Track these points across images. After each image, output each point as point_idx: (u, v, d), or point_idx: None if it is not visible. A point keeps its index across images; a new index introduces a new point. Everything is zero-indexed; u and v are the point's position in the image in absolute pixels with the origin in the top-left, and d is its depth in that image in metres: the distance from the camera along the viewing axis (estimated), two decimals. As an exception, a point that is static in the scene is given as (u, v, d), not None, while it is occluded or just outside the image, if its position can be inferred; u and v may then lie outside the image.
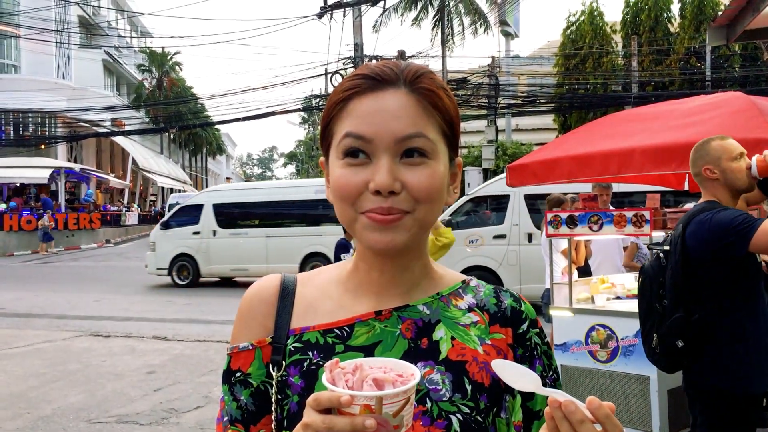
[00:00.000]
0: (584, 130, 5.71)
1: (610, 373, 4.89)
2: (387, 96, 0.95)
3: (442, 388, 0.95)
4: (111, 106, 31.94)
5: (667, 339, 2.75)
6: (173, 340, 9.44)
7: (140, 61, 44.54)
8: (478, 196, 11.43)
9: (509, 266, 10.70)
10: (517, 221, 10.75)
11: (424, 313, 1.01)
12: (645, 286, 2.92)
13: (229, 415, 1.02)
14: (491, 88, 22.49)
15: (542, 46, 34.49)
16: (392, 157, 0.93)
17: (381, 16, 26.34)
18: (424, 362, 0.97)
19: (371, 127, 0.93)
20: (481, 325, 1.02)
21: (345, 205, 0.96)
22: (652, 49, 22.40)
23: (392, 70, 0.97)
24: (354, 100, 0.96)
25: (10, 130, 32.08)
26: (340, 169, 0.96)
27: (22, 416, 6.05)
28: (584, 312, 5.01)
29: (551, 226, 5.07)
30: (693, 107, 4.78)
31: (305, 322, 1.02)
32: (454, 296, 1.05)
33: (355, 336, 0.99)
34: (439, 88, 0.98)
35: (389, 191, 0.92)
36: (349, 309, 1.02)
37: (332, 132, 0.99)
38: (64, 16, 33.77)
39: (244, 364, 1.02)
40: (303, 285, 1.08)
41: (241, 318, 1.06)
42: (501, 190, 10.59)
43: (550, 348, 1.06)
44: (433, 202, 0.96)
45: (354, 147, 0.94)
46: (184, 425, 5.74)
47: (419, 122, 0.95)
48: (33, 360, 8.30)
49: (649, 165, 4.52)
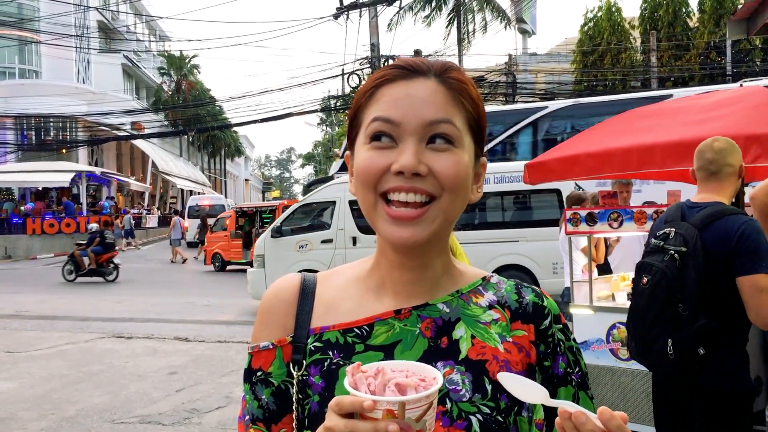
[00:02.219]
0: (603, 126, 5.66)
1: (631, 371, 4.85)
2: (417, 83, 0.95)
3: (462, 388, 0.94)
4: (130, 109, 32.22)
5: (688, 345, 2.63)
6: (194, 341, 9.51)
7: (159, 65, 44.91)
8: (308, 203, 12.07)
9: None
10: (343, 226, 11.32)
11: (444, 312, 1.00)
12: (660, 287, 2.72)
13: (251, 414, 1.02)
14: (508, 85, 22.41)
15: (560, 43, 34.28)
16: (419, 141, 0.93)
17: (396, 15, 26.33)
18: (444, 362, 0.96)
19: (400, 111, 0.94)
20: (502, 323, 1.01)
21: (366, 190, 0.95)
22: (671, 44, 22.19)
23: (423, 62, 0.98)
24: (384, 87, 0.97)
25: (32, 135, 32.49)
26: (366, 152, 0.96)
27: (46, 417, 6.13)
28: (605, 310, 4.98)
29: (570, 223, 5.04)
30: (713, 102, 4.73)
31: (325, 321, 1.02)
32: (475, 293, 1.04)
33: (375, 335, 0.99)
34: (468, 83, 0.99)
35: (413, 173, 0.91)
36: (369, 308, 1.02)
37: (360, 120, 0.99)
38: (84, 21, 34.13)
39: (264, 363, 1.02)
40: (323, 284, 1.07)
41: (261, 317, 1.06)
42: (328, 197, 11.51)
43: (576, 345, 1.05)
44: (458, 192, 0.95)
45: (381, 130, 0.94)
46: (206, 425, 5.78)
47: (448, 110, 0.95)
48: (57, 362, 8.40)
49: (670, 161, 4.48)
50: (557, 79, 24.59)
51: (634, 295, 2.93)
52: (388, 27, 27.14)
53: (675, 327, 2.66)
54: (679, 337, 2.64)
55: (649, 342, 2.76)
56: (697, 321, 2.61)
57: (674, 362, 2.68)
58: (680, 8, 22.42)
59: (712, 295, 2.64)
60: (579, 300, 5.18)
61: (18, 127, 30.86)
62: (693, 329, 2.62)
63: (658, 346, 2.71)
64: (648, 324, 2.76)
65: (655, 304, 2.73)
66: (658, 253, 2.79)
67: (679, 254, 2.69)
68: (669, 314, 2.68)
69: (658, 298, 2.72)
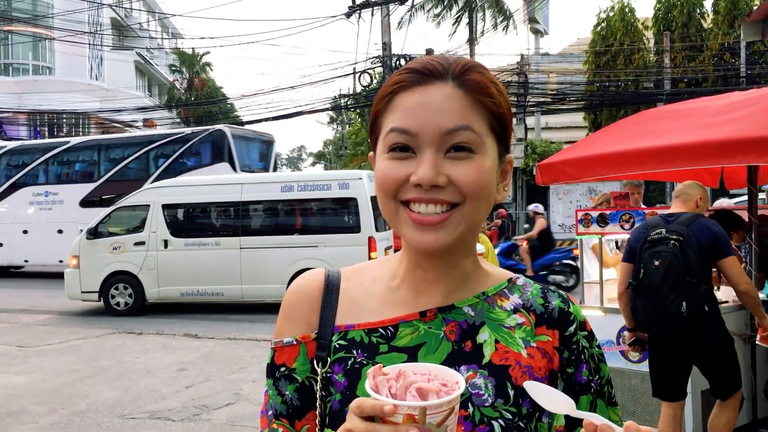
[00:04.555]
0: (616, 127, 5.63)
1: (642, 373, 4.82)
2: (433, 90, 0.94)
3: (485, 393, 0.94)
4: (143, 106, 32.33)
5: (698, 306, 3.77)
6: (204, 338, 9.54)
7: (171, 62, 45.07)
8: (123, 206, 12.52)
9: (148, 270, 11.92)
10: (155, 229, 11.93)
11: (469, 315, 1.00)
12: (672, 265, 3.81)
13: (274, 410, 1.02)
14: (520, 86, 22.33)
15: (572, 44, 34.13)
16: (437, 151, 0.92)
17: (408, 12, 26.28)
18: (467, 366, 0.96)
19: (416, 120, 0.92)
20: (526, 327, 1.00)
21: (386, 198, 0.95)
22: (685, 45, 22.06)
23: (440, 64, 0.95)
24: (400, 94, 0.95)
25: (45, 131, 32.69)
26: (384, 162, 0.95)
27: (57, 411, 6.17)
28: (616, 312, 4.95)
29: (582, 224, 5.02)
30: (727, 104, 4.69)
31: (350, 319, 1.01)
32: (500, 296, 1.03)
33: (399, 337, 0.98)
34: (489, 82, 0.96)
35: (432, 185, 0.91)
36: (394, 308, 1.01)
37: (379, 126, 0.98)
38: (97, 18, 34.30)
39: (288, 359, 1.02)
40: (347, 281, 1.07)
41: (285, 313, 1.06)
42: (142, 201, 12.15)
43: (599, 351, 1.04)
44: (480, 199, 0.94)
45: (399, 142, 0.93)
46: (215, 422, 5.80)
47: (466, 115, 0.93)
48: (67, 357, 8.45)
49: (686, 162, 4.46)
50: (569, 80, 24.46)
51: (646, 276, 3.95)
52: (398, 25, 27.11)
53: (687, 293, 3.77)
54: (690, 300, 3.77)
55: (667, 306, 3.81)
56: (700, 287, 3.80)
57: (687, 318, 3.77)
58: (694, 9, 22.27)
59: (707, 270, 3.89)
60: (590, 301, 5.16)
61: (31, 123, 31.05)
62: (699, 293, 3.79)
63: (674, 309, 3.79)
64: (665, 293, 3.81)
65: (669, 278, 3.81)
66: (661, 244, 3.90)
67: (678, 242, 3.85)
68: (681, 284, 3.78)
69: (671, 273, 3.81)
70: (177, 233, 11.96)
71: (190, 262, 11.82)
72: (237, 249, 11.71)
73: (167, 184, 12.67)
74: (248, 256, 11.69)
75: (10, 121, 28.49)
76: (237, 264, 11.68)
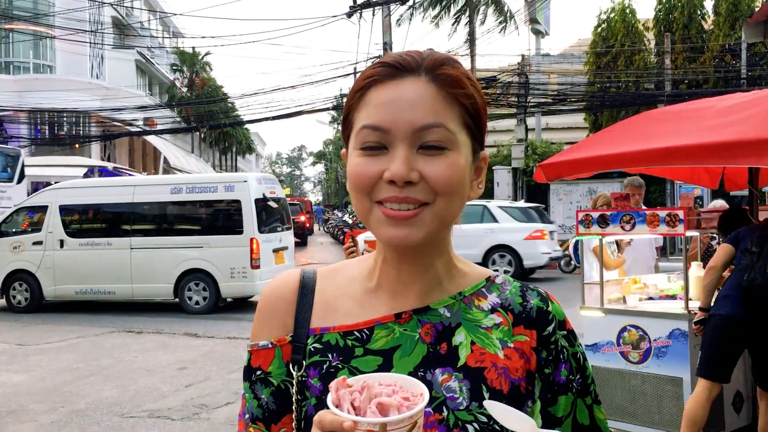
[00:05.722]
0: (616, 129, 5.63)
1: (642, 374, 4.83)
2: (405, 84, 0.92)
3: (459, 396, 0.92)
4: (143, 105, 32.31)
5: None
6: (204, 337, 9.55)
7: (172, 62, 45.06)
8: (24, 206, 13.08)
9: (46, 269, 12.29)
10: (52, 229, 12.31)
11: (445, 317, 0.98)
12: None
13: (250, 413, 1.01)
14: (521, 86, 22.32)
15: (573, 44, 34.13)
16: (409, 147, 0.90)
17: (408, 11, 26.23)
18: (443, 368, 0.94)
19: (388, 116, 0.90)
20: (504, 327, 0.98)
21: (360, 196, 0.93)
22: (686, 46, 22.06)
23: (413, 58, 0.93)
24: (372, 89, 0.93)
25: (45, 130, 32.67)
26: (357, 158, 0.93)
27: (56, 410, 6.17)
28: (616, 312, 4.96)
29: (582, 225, 5.02)
30: (728, 105, 4.69)
31: (325, 322, 1.00)
32: (477, 296, 1.01)
33: (375, 339, 0.96)
34: (462, 76, 0.94)
35: (405, 181, 0.89)
36: (370, 310, 0.99)
37: (351, 122, 0.96)
38: (98, 17, 34.28)
39: (264, 362, 1.00)
40: (323, 281, 1.05)
41: (260, 315, 1.04)
42: (41, 202, 12.55)
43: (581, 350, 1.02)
44: (453, 195, 0.92)
45: (370, 140, 0.92)
46: (215, 421, 5.80)
47: (439, 112, 0.91)
48: (67, 355, 8.45)
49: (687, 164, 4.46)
50: (570, 80, 24.45)
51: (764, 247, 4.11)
52: (397, 23, 27.06)
53: None
54: None
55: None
56: None
57: None
58: (695, 10, 22.24)
59: None
60: (590, 302, 5.16)
61: (32, 122, 31.04)
62: None
63: None
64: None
65: None
66: None
67: None
68: None
69: None
70: (72, 233, 12.35)
71: (84, 262, 12.15)
72: (128, 249, 12.02)
73: (66, 186, 13.04)
74: (138, 257, 11.98)
75: (11, 120, 28.48)
76: (127, 264, 11.98)
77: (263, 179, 12.74)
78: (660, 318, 4.80)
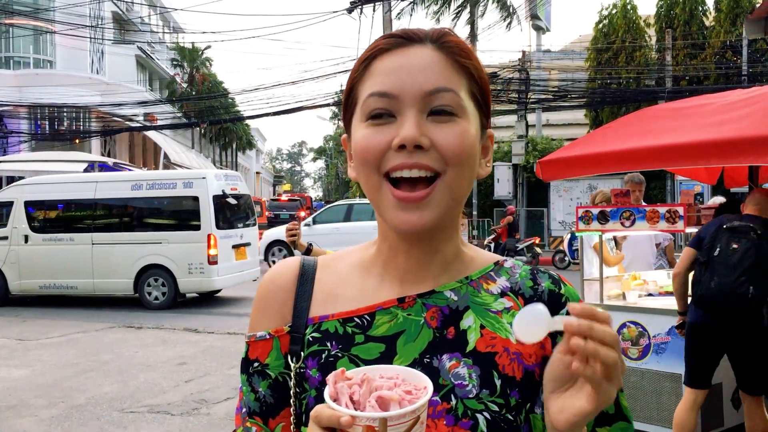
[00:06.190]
0: (617, 125, 5.63)
1: (641, 370, 4.83)
2: (413, 51, 0.89)
3: (469, 383, 0.87)
4: (143, 101, 32.29)
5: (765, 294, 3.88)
6: (204, 332, 9.56)
7: (172, 57, 45.01)
8: None
9: (11, 264, 12.51)
10: (17, 225, 12.51)
11: (451, 300, 0.93)
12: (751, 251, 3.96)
13: (247, 407, 0.98)
14: (522, 82, 22.29)
15: (574, 41, 34.07)
16: (419, 112, 0.86)
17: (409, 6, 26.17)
18: (450, 354, 0.89)
19: (396, 82, 0.87)
20: (514, 311, 0.92)
21: (368, 170, 0.89)
22: (687, 42, 22.02)
23: (419, 30, 0.92)
24: (378, 58, 0.90)
25: (46, 125, 32.65)
26: (363, 130, 0.89)
27: (56, 405, 6.17)
28: (615, 309, 4.96)
29: (582, 221, 5.02)
30: (729, 102, 4.69)
31: (324, 310, 0.96)
32: (485, 280, 0.96)
33: (376, 326, 0.92)
34: (468, 47, 0.92)
35: (415, 145, 0.85)
36: (371, 296, 0.95)
37: (356, 97, 0.93)
38: (99, 12, 34.24)
39: (261, 353, 0.96)
40: (323, 270, 1.01)
41: (258, 305, 1.01)
42: (6, 198, 12.76)
43: None
44: (464, 167, 0.88)
45: (378, 107, 0.88)
46: (215, 416, 5.81)
47: (448, 77, 0.88)
48: (67, 350, 8.46)
49: (687, 161, 4.46)
50: (571, 77, 24.40)
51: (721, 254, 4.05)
52: (397, 17, 27.01)
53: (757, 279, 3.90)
54: (758, 286, 3.89)
55: (736, 287, 3.93)
56: None
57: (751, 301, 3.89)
58: (696, 7, 22.20)
59: None
60: (590, 298, 5.16)
61: (32, 117, 31.01)
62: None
63: (742, 290, 3.91)
64: (737, 274, 3.94)
65: (745, 261, 3.95)
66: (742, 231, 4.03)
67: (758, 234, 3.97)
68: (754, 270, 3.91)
69: (747, 258, 3.95)
70: (37, 229, 12.51)
71: (47, 257, 12.34)
72: (89, 245, 12.15)
73: (31, 182, 13.15)
74: (99, 252, 12.15)
75: (11, 115, 28.46)
76: (89, 259, 12.15)
77: (224, 176, 12.86)
78: (659, 314, 4.81)
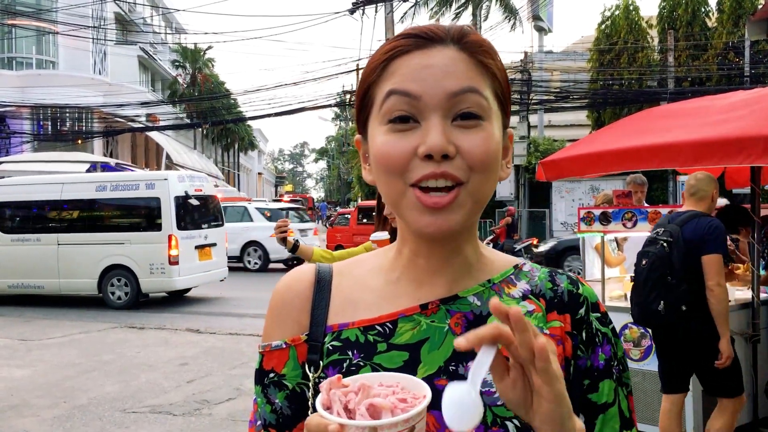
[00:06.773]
0: (618, 125, 5.62)
1: (643, 372, 4.83)
2: (434, 52, 0.85)
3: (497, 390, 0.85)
4: (146, 101, 32.33)
5: (675, 305, 3.90)
6: (206, 333, 9.56)
7: (174, 57, 45.05)
8: None
9: None
10: None
11: (475, 305, 0.91)
12: (655, 265, 3.97)
13: (263, 419, 0.94)
14: (524, 83, 22.28)
15: (576, 41, 34.03)
16: (443, 117, 0.83)
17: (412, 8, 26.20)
18: None
19: (418, 82, 0.83)
20: (538, 314, 0.91)
21: (391, 178, 0.85)
22: (689, 44, 22.00)
23: (439, 29, 0.88)
24: (397, 59, 0.86)
25: (48, 125, 32.69)
26: (383, 135, 0.85)
27: (58, 405, 6.18)
28: (617, 310, 4.95)
29: (584, 222, 5.02)
30: (731, 103, 4.69)
31: (344, 318, 0.92)
32: (507, 284, 0.94)
33: (399, 333, 0.89)
34: (490, 45, 0.89)
35: (442, 155, 0.82)
36: (392, 302, 0.92)
37: (372, 98, 0.89)
38: (101, 12, 34.29)
39: (277, 364, 0.93)
40: (340, 276, 0.98)
41: (272, 313, 0.97)
42: None
43: (615, 335, 0.94)
44: (488, 173, 0.85)
45: (399, 108, 0.84)
46: (216, 416, 5.81)
47: (473, 77, 0.85)
48: (69, 350, 8.47)
49: (688, 162, 4.45)
50: (573, 78, 24.39)
51: (636, 274, 4.17)
52: (400, 20, 27.05)
53: (666, 292, 3.92)
54: (668, 299, 3.92)
55: (648, 304, 3.99)
56: (680, 287, 3.91)
57: (664, 317, 3.94)
58: (699, 8, 22.18)
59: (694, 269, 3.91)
60: (591, 299, 5.16)
61: (34, 117, 31.06)
62: (678, 293, 3.91)
63: (654, 306, 3.95)
64: (646, 292, 3.99)
65: (651, 277, 3.97)
66: (653, 245, 4.06)
67: (667, 243, 3.97)
68: (661, 284, 3.94)
69: (654, 273, 3.97)
70: (5, 229, 12.67)
71: (15, 257, 12.48)
72: (55, 245, 12.28)
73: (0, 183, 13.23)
74: (65, 252, 12.29)
75: (14, 115, 28.51)
76: (55, 259, 12.29)
77: (188, 176, 12.96)
78: (661, 315, 4.80)
